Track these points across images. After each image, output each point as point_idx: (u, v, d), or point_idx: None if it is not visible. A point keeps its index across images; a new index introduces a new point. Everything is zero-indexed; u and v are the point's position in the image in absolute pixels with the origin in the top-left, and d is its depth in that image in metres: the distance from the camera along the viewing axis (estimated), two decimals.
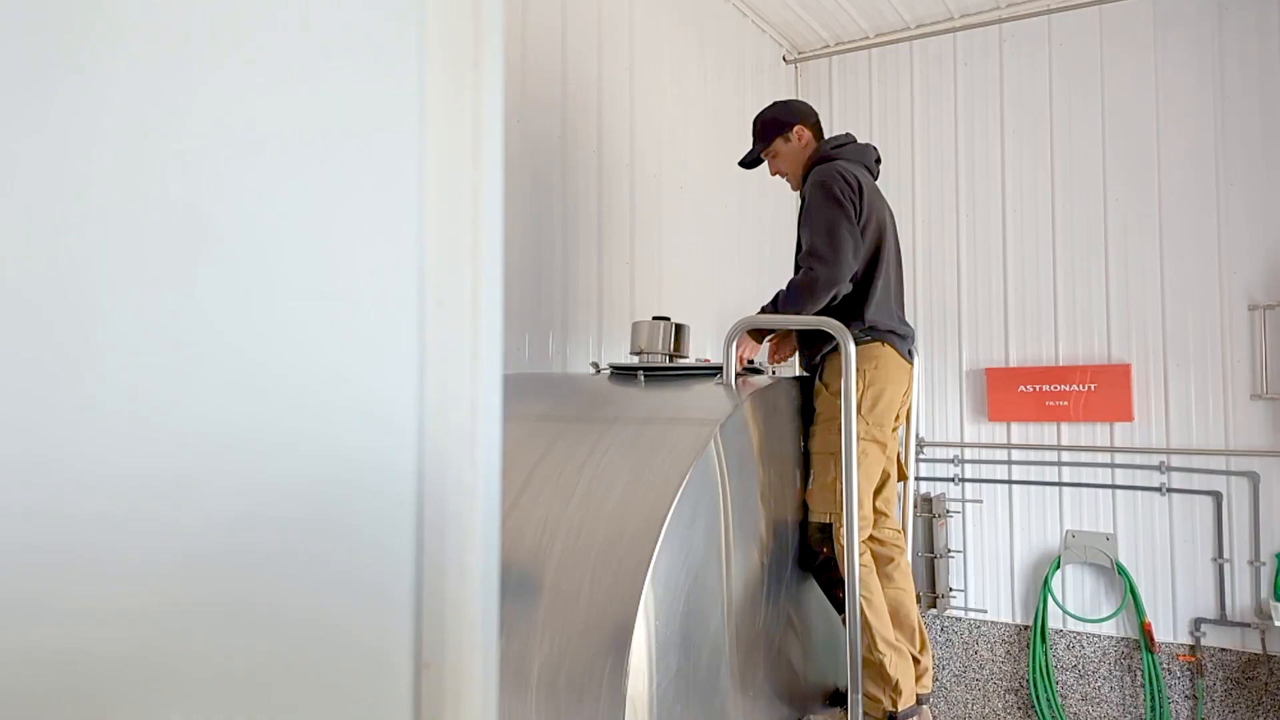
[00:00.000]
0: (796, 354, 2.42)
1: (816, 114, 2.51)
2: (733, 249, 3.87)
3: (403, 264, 0.34)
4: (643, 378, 2.14)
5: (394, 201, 0.34)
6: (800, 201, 2.35)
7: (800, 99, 2.94)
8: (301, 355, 0.32)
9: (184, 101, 0.29)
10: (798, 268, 2.32)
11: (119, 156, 0.28)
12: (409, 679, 0.33)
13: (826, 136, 2.48)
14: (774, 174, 2.54)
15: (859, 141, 2.44)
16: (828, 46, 4.44)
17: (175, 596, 0.30)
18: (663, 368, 2.21)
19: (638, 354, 2.34)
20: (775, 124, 2.45)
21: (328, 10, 0.33)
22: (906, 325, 2.35)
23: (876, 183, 2.42)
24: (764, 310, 2.25)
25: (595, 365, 2.41)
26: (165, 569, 0.30)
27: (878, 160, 2.46)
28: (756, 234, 4.03)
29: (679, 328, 2.35)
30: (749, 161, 2.55)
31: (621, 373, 2.24)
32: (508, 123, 2.69)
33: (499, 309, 0.36)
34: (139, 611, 0.29)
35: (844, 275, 2.15)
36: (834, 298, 2.18)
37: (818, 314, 2.15)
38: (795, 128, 2.43)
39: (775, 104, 2.53)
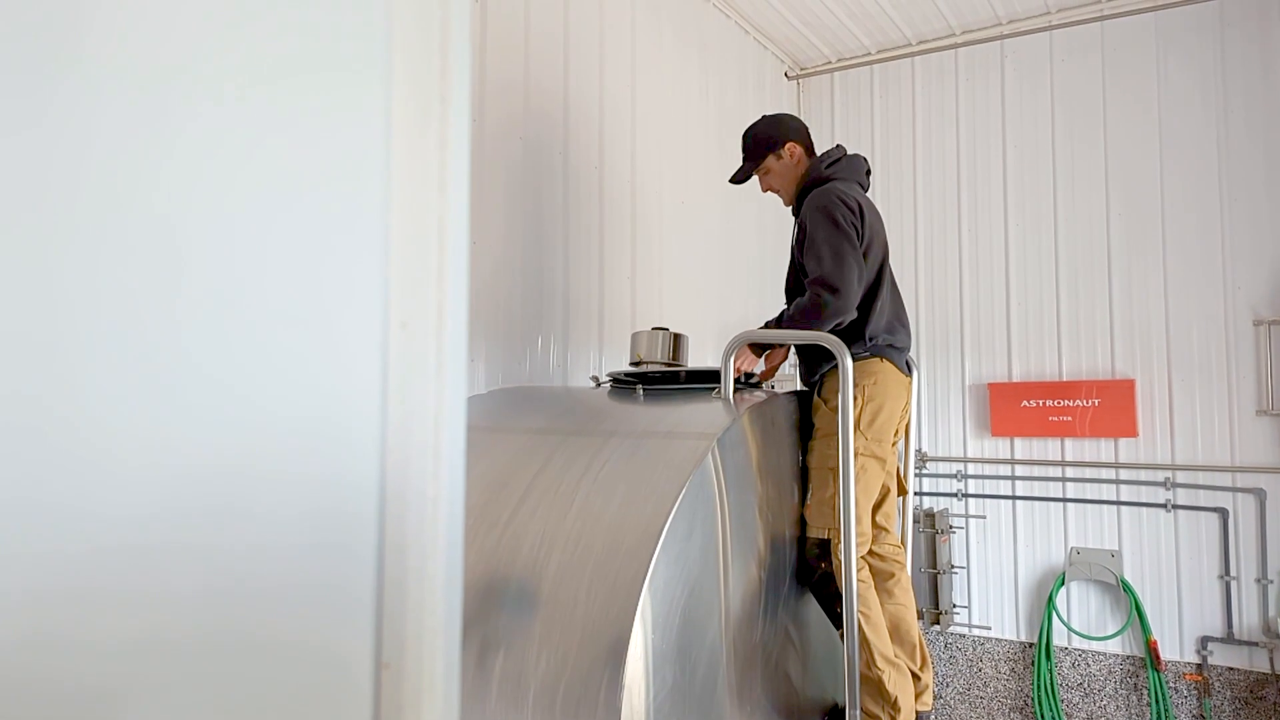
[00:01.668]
0: (789, 365, 2.42)
1: (807, 128, 2.47)
2: (733, 262, 3.90)
3: (369, 289, 0.36)
4: (641, 391, 2.16)
5: (361, 231, 0.36)
6: (799, 224, 2.33)
7: (790, 113, 2.91)
8: (270, 375, 0.34)
9: (165, 135, 0.32)
10: (792, 291, 2.31)
11: (100, 188, 0.30)
12: (369, 679, 0.34)
13: (819, 152, 2.47)
14: (765, 190, 2.50)
15: (849, 153, 2.41)
16: (830, 62, 4.47)
17: (152, 621, 0.31)
18: (659, 376, 2.22)
19: (637, 363, 2.35)
20: (766, 141, 2.42)
21: (299, 44, 0.35)
22: (905, 336, 2.34)
23: (868, 194, 2.42)
24: (766, 326, 2.25)
25: (595, 379, 2.42)
26: (145, 596, 0.31)
27: (868, 172, 2.44)
28: (758, 247, 4.06)
29: (677, 337, 2.36)
30: (740, 178, 2.51)
31: (620, 385, 2.26)
32: (510, 137, 2.73)
33: (463, 330, 0.38)
34: (121, 640, 0.31)
35: (852, 304, 2.15)
36: (838, 324, 2.18)
37: None
38: (787, 145, 2.40)
39: (765, 119, 2.48)
